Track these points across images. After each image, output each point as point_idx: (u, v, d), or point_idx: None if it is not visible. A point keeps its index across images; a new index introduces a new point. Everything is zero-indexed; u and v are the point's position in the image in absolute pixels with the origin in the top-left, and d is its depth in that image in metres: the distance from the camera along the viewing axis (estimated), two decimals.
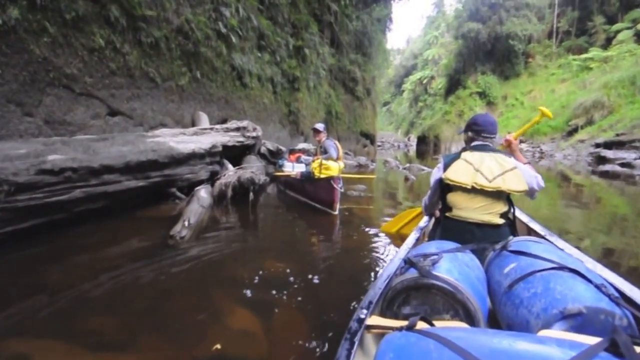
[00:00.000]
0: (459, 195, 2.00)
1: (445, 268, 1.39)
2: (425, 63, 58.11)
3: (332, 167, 4.97)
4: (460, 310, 1.30)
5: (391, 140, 48.07)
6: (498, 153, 2.01)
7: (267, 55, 11.05)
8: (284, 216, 4.92)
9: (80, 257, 2.85)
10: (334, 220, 4.40)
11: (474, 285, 1.38)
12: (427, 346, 0.86)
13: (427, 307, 1.34)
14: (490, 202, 1.92)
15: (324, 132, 5.58)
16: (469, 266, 1.49)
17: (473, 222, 1.94)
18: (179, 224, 3.30)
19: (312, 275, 2.56)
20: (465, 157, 2.01)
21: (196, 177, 5.31)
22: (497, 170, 1.88)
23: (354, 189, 6.80)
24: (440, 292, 1.32)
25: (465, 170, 1.93)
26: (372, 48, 22.42)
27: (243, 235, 3.70)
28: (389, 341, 0.94)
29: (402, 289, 1.37)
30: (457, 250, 1.59)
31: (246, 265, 2.72)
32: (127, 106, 5.89)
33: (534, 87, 33.35)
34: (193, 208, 4.00)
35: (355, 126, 22.51)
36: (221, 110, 8.76)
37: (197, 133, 5.61)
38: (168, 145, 4.53)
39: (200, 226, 3.74)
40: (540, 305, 1.21)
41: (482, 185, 1.85)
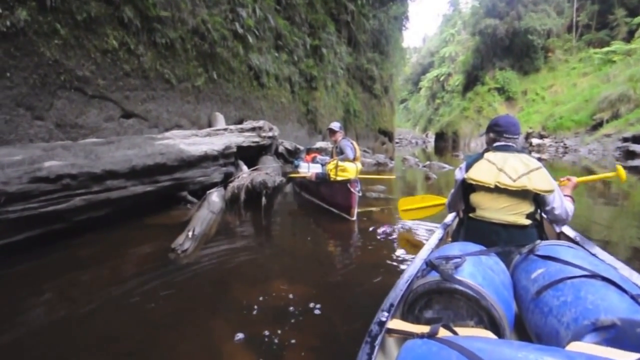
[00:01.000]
0: (482, 195, 1.95)
1: (468, 272, 1.34)
2: (442, 60, 57.44)
3: (348, 169, 4.69)
4: (484, 317, 1.25)
5: (409, 137, 47.58)
6: (522, 153, 1.96)
7: (284, 55, 10.88)
8: (298, 222, 4.65)
9: (77, 272, 2.67)
10: (352, 226, 4.10)
11: (499, 290, 1.32)
12: (448, 357, 0.83)
13: (451, 313, 1.30)
14: (515, 202, 1.87)
15: (340, 131, 5.30)
16: (494, 270, 1.43)
17: (498, 222, 1.90)
18: (182, 236, 3.09)
19: (323, 297, 2.28)
20: (487, 157, 1.97)
21: (209, 180, 5.15)
22: (521, 169, 1.83)
23: (373, 190, 6.50)
24: (463, 297, 1.27)
25: (487, 170, 1.89)
26: (389, 46, 22.09)
27: (252, 246, 3.43)
28: (410, 348, 0.92)
29: (423, 292, 1.33)
30: (481, 254, 1.53)
31: (253, 285, 2.42)
32: (141, 108, 5.80)
33: (554, 81, 32.78)
34: (202, 215, 3.81)
35: (373, 124, 22.16)
36: (238, 110, 8.63)
37: (210, 134, 5.45)
38: (178, 147, 4.37)
39: (208, 235, 3.54)
40: (570, 315, 1.15)
41: (506, 185, 1.80)
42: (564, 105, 27.70)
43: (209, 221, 3.83)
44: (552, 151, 21.99)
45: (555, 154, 20.11)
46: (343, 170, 4.60)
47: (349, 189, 4.21)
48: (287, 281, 2.47)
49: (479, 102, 36.11)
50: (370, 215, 4.73)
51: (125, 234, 3.58)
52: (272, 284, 2.40)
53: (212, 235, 3.62)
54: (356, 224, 4.19)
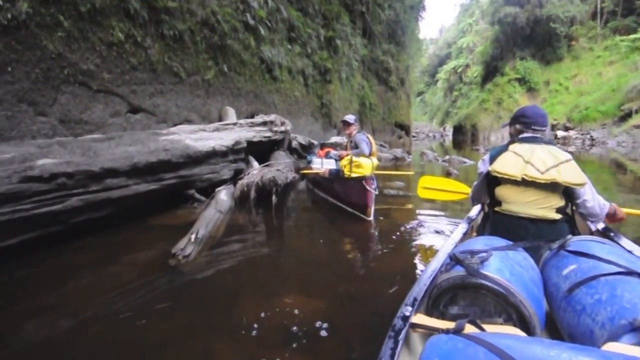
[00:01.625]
0: (508, 188, 1.87)
1: (495, 267, 1.28)
2: (459, 51, 56.08)
3: (363, 165, 4.39)
4: (513, 315, 1.19)
5: (426, 130, 46.79)
6: (550, 145, 1.87)
7: (297, 47, 10.59)
8: (311, 222, 4.36)
9: (69, 281, 2.48)
10: (368, 227, 3.81)
11: (528, 287, 1.25)
12: (475, 354, 0.80)
13: (477, 309, 1.25)
14: (544, 195, 1.78)
15: (355, 124, 4.95)
16: (522, 266, 1.36)
17: (526, 217, 1.81)
18: (184, 239, 2.86)
19: (336, 313, 2.02)
20: (513, 149, 1.87)
21: (218, 177, 4.94)
22: (550, 161, 1.73)
23: (391, 187, 6.18)
24: (490, 293, 1.22)
25: (514, 162, 1.80)
26: (405, 37, 21.52)
27: (261, 250, 3.18)
28: (435, 344, 0.89)
29: (447, 287, 1.29)
30: (508, 248, 1.45)
31: (259, 298, 2.17)
32: (149, 102, 5.62)
33: (578, 71, 31.39)
34: (208, 215, 3.60)
35: (389, 117, 21.71)
36: (250, 104, 8.41)
37: (219, 129, 5.24)
38: (184, 143, 4.16)
39: (215, 237, 3.32)
40: (605, 314, 1.10)
41: (534, 177, 1.71)
42: (590, 96, 26.52)
43: (216, 222, 3.61)
44: (579, 144, 21.05)
45: (581, 146, 19.22)
46: (358, 166, 4.31)
47: (365, 186, 3.92)
48: (297, 293, 2.21)
49: (498, 94, 35.03)
50: (388, 214, 4.43)
51: (127, 236, 3.39)
52: (281, 297, 2.15)
53: (219, 237, 3.40)
54: (373, 224, 3.90)
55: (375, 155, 4.88)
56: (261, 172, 4.93)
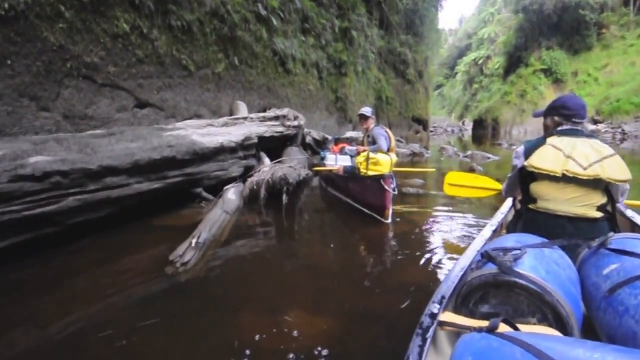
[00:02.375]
0: (545, 184, 1.76)
1: (529, 265, 1.22)
2: (480, 42, 54.23)
3: (381, 162, 4.07)
4: (549, 315, 1.14)
5: (444, 125, 45.63)
6: (592, 138, 1.75)
7: (311, 39, 10.28)
8: (323, 225, 4.05)
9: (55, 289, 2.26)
10: (385, 231, 3.50)
11: (565, 286, 1.19)
12: (512, 354, 0.75)
13: (509, 308, 1.20)
14: (585, 192, 1.68)
15: (372, 117, 4.62)
16: (559, 264, 1.31)
17: (564, 215, 1.71)
18: (183, 244, 2.63)
19: (346, 335, 1.75)
20: (552, 143, 1.75)
21: (227, 174, 4.71)
22: (593, 156, 1.64)
23: (410, 185, 5.84)
24: (524, 291, 1.16)
25: (553, 157, 1.69)
26: (423, 27, 20.80)
27: (268, 256, 2.90)
28: (467, 342, 0.84)
29: (478, 285, 1.24)
30: (543, 246, 1.40)
31: (262, 314, 1.92)
32: (157, 97, 5.43)
33: (609, 60, 29.73)
34: (213, 216, 3.36)
35: (406, 111, 21.16)
36: (262, 98, 8.16)
37: (228, 124, 5.00)
38: (190, 139, 3.94)
39: (219, 240, 3.07)
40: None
41: (575, 173, 1.62)
42: (621, 87, 25.15)
43: (221, 223, 3.38)
44: (608, 137, 19.93)
45: (611, 140, 18.16)
46: (375, 163, 3.99)
47: (383, 186, 3.59)
48: (301, 309, 1.93)
49: (522, 86, 33.57)
50: (407, 215, 4.11)
51: (128, 238, 3.18)
52: (283, 313, 1.88)
53: (224, 240, 3.16)
54: (390, 227, 3.58)
55: (394, 151, 4.55)
56: (272, 169, 4.67)
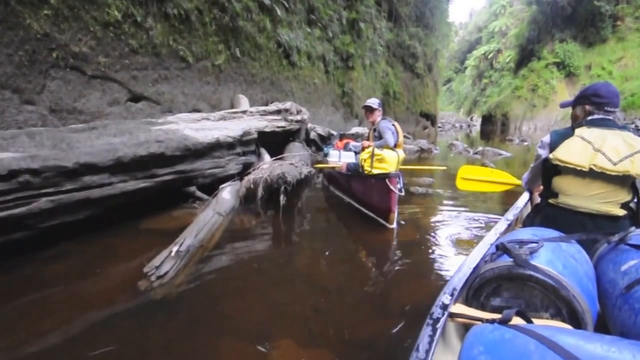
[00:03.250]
0: (570, 179, 1.68)
1: (546, 259, 1.18)
2: (491, 36, 53.00)
3: (387, 159, 3.70)
4: (563, 310, 1.10)
5: (452, 120, 44.92)
6: (625, 131, 1.63)
7: (317, 31, 9.92)
8: (323, 229, 3.64)
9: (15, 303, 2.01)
10: (390, 238, 3.18)
11: (583, 282, 1.15)
12: (525, 345, 0.73)
13: (522, 302, 1.16)
14: (612, 189, 1.59)
15: (379, 110, 4.20)
16: (576, 259, 1.25)
17: (585, 212, 1.65)
18: (162, 253, 2.33)
19: None
20: (581, 134, 1.65)
21: (223, 172, 4.43)
22: (624, 150, 1.52)
23: (418, 184, 5.51)
24: (539, 285, 1.13)
25: (581, 150, 1.59)
26: (434, 19, 20.22)
27: (258, 266, 2.57)
28: (478, 333, 0.82)
29: (492, 277, 1.21)
30: (561, 240, 1.34)
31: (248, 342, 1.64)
32: (152, 90, 5.16)
33: (624, 53, 28.76)
34: (203, 218, 3.08)
35: (414, 106, 20.69)
36: (265, 92, 7.86)
37: (226, 118, 4.71)
38: (181, 133, 3.65)
39: (206, 247, 2.79)
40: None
41: (604, 169, 1.51)
42: (636, 81, 24.36)
43: (212, 227, 3.09)
44: None
45: None
46: (381, 160, 3.64)
47: (388, 186, 3.26)
48: (291, 337, 1.64)
49: (533, 80, 32.69)
50: (415, 218, 3.78)
51: (108, 244, 2.90)
52: (269, 342, 1.59)
53: (213, 245, 2.88)
54: (395, 233, 3.25)
55: (401, 147, 4.20)
56: (271, 166, 4.38)
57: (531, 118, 31.50)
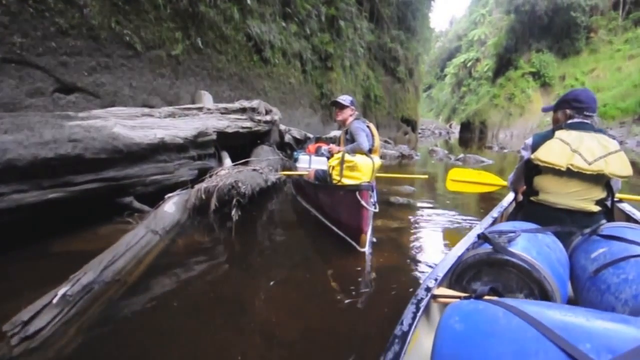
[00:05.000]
0: (549, 178, 1.80)
1: (522, 246, 1.29)
2: (470, 44, 53.98)
3: (360, 167, 2.92)
4: (535, 290, 1.21)
5: (432, 127, 45.49)
6: (600, 133, 1.76)
7: (294, 26, 9.22)
8: (285, 250, 2.88)
9: None
10: (362, 263, 2.47)
11: (554, 267, 1.26)
12: (495, 313, 0.83)
13: (500, 284, 1.26)
14: (587, 187, 1.73)
15: (352, 108, 3.53)
16: (550, 248, 1.37)
17: (563, 208, 1.77)
18: (39, 301, 1.54)
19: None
20: (560, 136, 1.76)
21: (172, 179, 3.65)
22: (599, 151, 1.65)
23: (398, 193, 4.86)
24: (515, 269, 1.23)
25: (560, 151, 1.70)
26: (416, 22, 19.88)
27: (196, 305, 1.85)
28: (456, 306, 0.91)
29: (473, 263, 1.32)
30: (538, 231, 1.48)
31: None
32: (89, 80, 4.31)
33: (596, 65, 29.62)
34: (129, 240, 2.30)
35: (395, 111, 20.29)
36: (234, 90, 7.08)
37: (175, 114, 3.92)
38: (109, 131, 2.85)
39: (125, 281, 2.01)
40: (630, 292, 1.11)
41: (580, 168, 1.64)
42: (608, 92, 24.87)
43: (139, 250, 2.31)
44: None
45: None
46: (352, 167, 2.89)
47: (359, 201, 2.58)
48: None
49: (510, 89, 33.40)
50: (392, 236, 3.11)
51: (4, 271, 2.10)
52: None
53: (138, 275, 2.11)
54: (368, 259, 2.55)
55: (378, 153, 3.53)
56: (229, 173, 3.62)
57: (508, 126, 31.97)
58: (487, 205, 4.13)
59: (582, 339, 0.70)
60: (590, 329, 0.72)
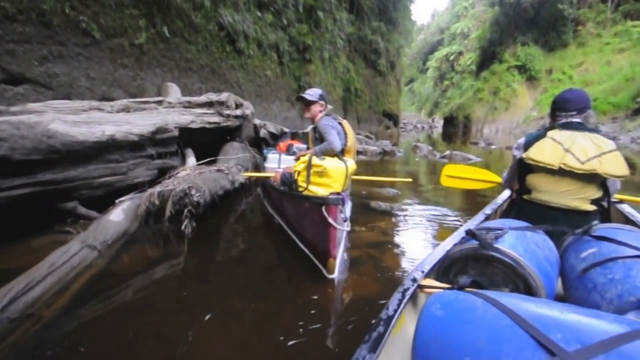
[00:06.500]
0: (541, 177, 1.81)
1: (509, 243, 1.32)
2: (452, 38, 53.94)
3: (331, 172, 2.54)
4: (520, 285, 1.23)
5: (414, 121, 45.51)
6: (594, 133, 1.74)
7: (270, 16, 8.88)
8: (245, 270, 2.48)
9: None
10: (330, 292, 2.14)
11: (541, 264, 1.29)
12: (473, 303, 0.88)
13: (485, 279, 1.29)
14: (581, 186, 1.73)
15: (321, 103, 3.06)
16: (539, 246, 1.39)
17: (556, 207, 1.78)
18: None
19: None
20: (552, 136, 1.77)
21: (126, 180, 3.35)
22: (592, 151, 1.65)
23: (380, 197, 4.58)
24: (500, 264, 1.26)
25: (551, 150, 1.71)
26: (397, 13, 19.56)
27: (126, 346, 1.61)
28: (438, 296, 0.97)
29: (459, 257, 1.36)
30: (527, 229, 1.50)
31: None
32: (39, 70, 3.93)
33: (584, 58, 29.05)
34: (54, 260, 2.02)
35: (377, 105, 20.12)
36: (205, 82, 6.74)
37: (130, 108, 3.59)
38: (44, 128, 2.53)
39: (39, 315, 1.74)
40: (615, 291, 1.14)
41: (572, 167, 1.64)
42: (598, 86, 24.22)
43: (67, 273, 2.04)
44: None
45: None
46: (321, 173, 2.53)
47: (325, 218, 2.17)
48: None
49: (495, 83, 32.96)
50: (372, 255, 2.73)
51: None
52: None
53: (62, 304, 1.84)
54: (338, 287, 2.21)
55: (352, 154, 3.18)
56: (190, 174, 3.35)
57: (493, 121, 31.84)
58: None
59: (554, 330, 0.75)
60: (563, 321, 0.77)
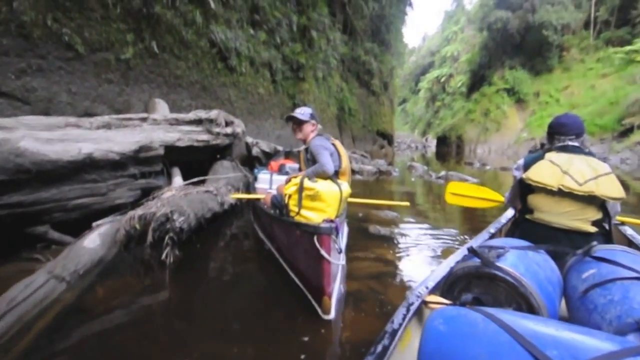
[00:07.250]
0: (541, 197, 1.84)
1: (510, 262, 1.34)
2: (443, 60, 55.15)
3: (324, 196, 2.33)
4: (523, 305, 1.24)
5: (407, 141, 46.08)
6: (590, 156, 1.82)
7: (263, 34, 8.80)
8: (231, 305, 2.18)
9: None
10: (327, 335, 1.84)
11: (542, 284, 1.31)
12: (474, 319, 0.91)
13: (489, 297, 1.31)
14: (580, 207, 1.76)
15: (312, 123, 2.93)
16: (540, 266, 1.42)
17: (559, 227, 1.80)
18: None
19: None
20: (550, 158, 1.84)
21: (105, 202, 3.09)
22: (589, 173, 1.71)
23: (379, 221, 4.29)
24: (502, 282, 1.28)
25: (550, 172, 1.78)
26: (390, 35, 19.87)
27: None
28: (441, 311, 1.00)
29: (462, 275, 1.38)
30: (529, 249, 1.52)
31: None
32: (17, 84, 3.70)
33: (569, 82, 30.05)
34: (11, 298, 1.75)
35: (371, 125, 20.14)
36: (195, 99, 6.54)
37: (111, 125, 3.35)
38: (12, 146, 2.29)
39: None
40: (615, 312, 1.15)
41: (571, 189, 1.69)
42: (584, 108, 25.06)
43: (26, 312, 1.76)
44: None
45: None
46: (314, 197, 2.31)
47: (318, 250, 1.89)
48: None
49: (485, 104, 33.69)
50: (374, 288, 2.42)
51: None
52: None
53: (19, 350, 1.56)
54: (336, 329, 1.91)
55: (347, 176, 2.95)
56: (175, 195, 3.10)
57: (485, 141, 32.34)
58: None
59: (550, 346, 0.77)
60: (559, 338, 0.79)
